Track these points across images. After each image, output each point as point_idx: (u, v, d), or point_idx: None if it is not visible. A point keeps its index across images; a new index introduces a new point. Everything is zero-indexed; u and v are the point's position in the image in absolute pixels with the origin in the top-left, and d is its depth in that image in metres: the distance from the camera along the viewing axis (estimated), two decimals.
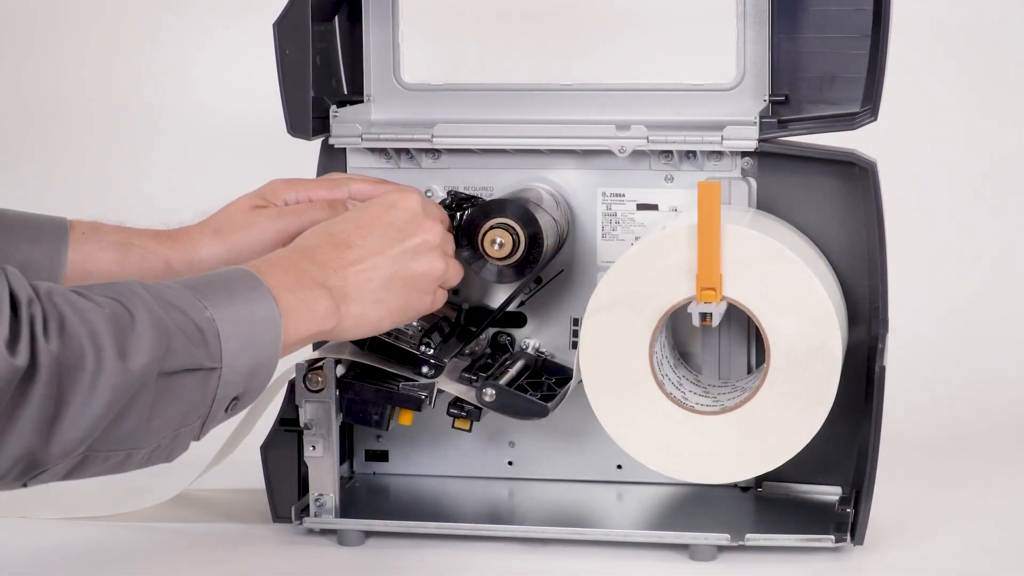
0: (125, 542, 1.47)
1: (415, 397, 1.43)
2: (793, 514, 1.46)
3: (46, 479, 1.07)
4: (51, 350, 1.02)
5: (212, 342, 1.12)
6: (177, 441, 1.13)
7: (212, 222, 1.42)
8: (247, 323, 1.14)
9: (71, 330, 1.03)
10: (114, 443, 1.07)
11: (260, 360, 1.15)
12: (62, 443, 1.04)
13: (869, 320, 1.47)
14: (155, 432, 1.09)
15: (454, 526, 1.46)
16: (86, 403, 1.03)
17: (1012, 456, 1.70)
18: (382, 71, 1.55)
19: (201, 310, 1.12)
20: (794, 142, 1.46)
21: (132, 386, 1.05)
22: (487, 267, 1.42)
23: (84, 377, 1.03)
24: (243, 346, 1.14)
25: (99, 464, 1.08)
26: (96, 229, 1.41)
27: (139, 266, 1.40)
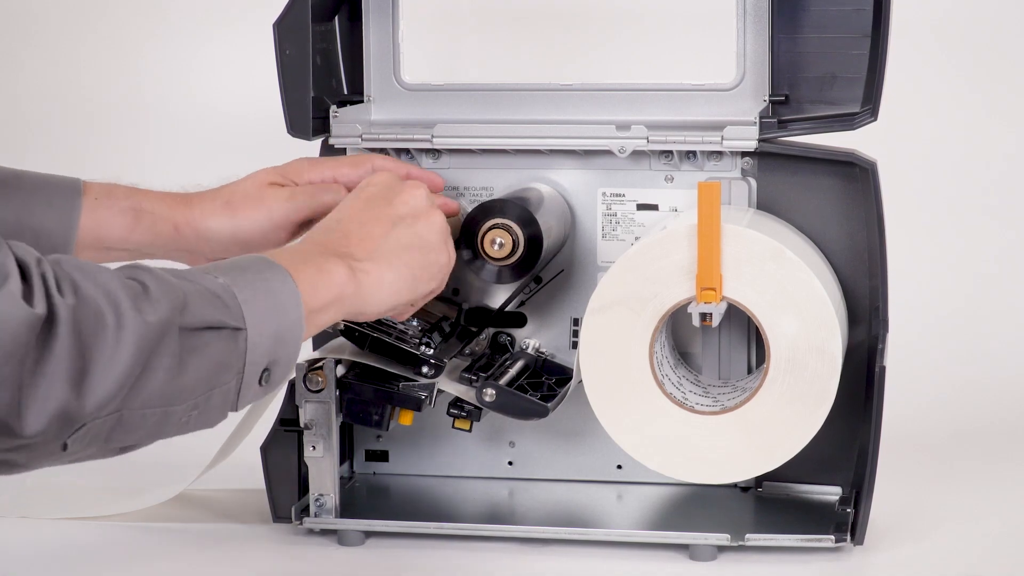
0: (125, 542, 1.47)
1: (415, 397, 1.43)
2: (793, 514, 1.46)
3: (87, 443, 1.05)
4: (68, 303, 1.02)
5: (232, 304, 1.11)
6: (212, 402, 1.11)
7: (225, 192, 1.43)
8: (264, 291, 1.14)
9: (85, 292, 1.03)
10: (148, 399, 1.06)
11: (285, 325, 1.14)
12: (95, 396, 1.03)
13: (869, 320, 1.47)
14: (188, 389, 1.09)
15: (454, 526, 1.46)
16: (113, 354, 1.03)
17: (1012, 456, 1.70)
18: (382, 71, 1.55)
19: (213, 279, 1.12)
20: (794, 142, 1.46)
21: (155, 336, 1.05)
22: (487, 267, 1.42)
23: (107, 331, 1.03)
24: (265, 312, 1.13)
25: (138, 425, 1.07)
26: (109, 194, 1.41)
27: (150, 231, 1.41)
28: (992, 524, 1.49)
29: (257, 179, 1.43)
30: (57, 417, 1.02)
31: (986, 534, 1.46)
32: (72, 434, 1.04)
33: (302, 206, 1.41)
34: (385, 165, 1.45)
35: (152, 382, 1.06)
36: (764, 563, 1.40)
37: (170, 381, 1.07)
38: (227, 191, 1.43)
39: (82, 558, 1.44)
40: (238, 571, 1.41)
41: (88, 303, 1.03)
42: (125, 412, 1.06)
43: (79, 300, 1.03)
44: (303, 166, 1.45)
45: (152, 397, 1.07)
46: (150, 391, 1.06)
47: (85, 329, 1.02)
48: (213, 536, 1.48)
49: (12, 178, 1.39)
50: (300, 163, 1.45)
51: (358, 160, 1.46)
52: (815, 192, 1.47)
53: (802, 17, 1.46)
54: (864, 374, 1.46)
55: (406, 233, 1.30)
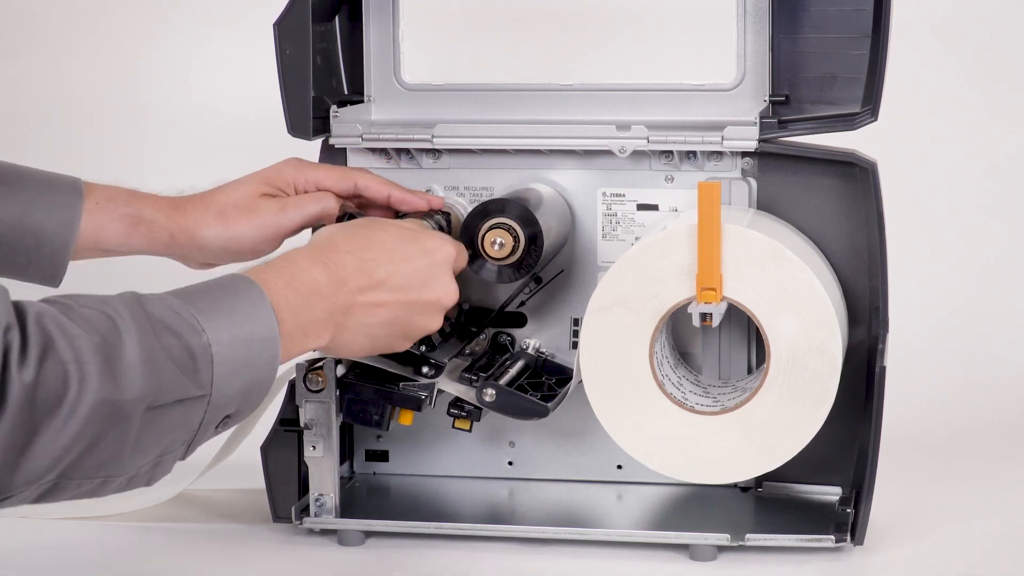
0: (125, 542, 1.47)
1: (415, 397, 1.43)
2: (793, 514, 1.46)
3: (14, 503, 1.04)
4: (24, 380, 0.99)
5: (204, 369, 1.09)
6: (159, 468, 1.10)
7: (218, 201, 1.43)
8: (244, 344, 1.12)
9: (57, 355, 1.01)
10: (89, 471, 1.05)
11: (255, 380, 1.13)
12: (28, 472, 1.01)
13: (869, 320, 1.47)
14: (135, 461, 1.07)
15: (454, 526, 1.46)
16: (59, 432, 1.01)
17: (1012, 456, 1.70)
18: (382, 71, 1.55)
19: (198, 334, 1.09)
20: (794, 142, 1.46)
21: (112, 417, 1.03)
22: (487, 267, 1.42)
23: (63, 405, 1.01)
24: (237, 369, 1.11)
25: (72, 490, 1.06)
26: (110, 199, 1.42)
27: (147, 237, 1.42)
28: (992, 524, 1.49)
29: (248, 189, 1.44)
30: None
31: (986, 534, 1.46)
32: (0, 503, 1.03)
33: (293, 217, 1.43)
34: (369, 185, 1.46)
35: (96, 457, 1.04)
36: (764, 563, 1.40)
37: (117, 456, 1.06)
38: (220, 200, 1.43)
39: (82, 558, 1.44)
40: (238, 571, 1.41)
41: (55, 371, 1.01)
42: (60, 482, 1.04)
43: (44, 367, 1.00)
44: (289, 171, 1.45)
45: (94, 469, 1.05)
46: (92, 464, 1.05)
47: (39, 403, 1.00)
48: (213, 536, 1.48)
49: (13, 176, 1.39)
50: (286, 167, 1.46)
51: (343, 173, 1.46)
52: (815, 192, 1.47)
53: (802, 17, 1.46)
54: (864, 374, 1.46)
55: (404, 324, 1.30)
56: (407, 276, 1.30)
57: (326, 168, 1.47)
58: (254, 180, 1.45)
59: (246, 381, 1.12)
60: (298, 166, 1.46)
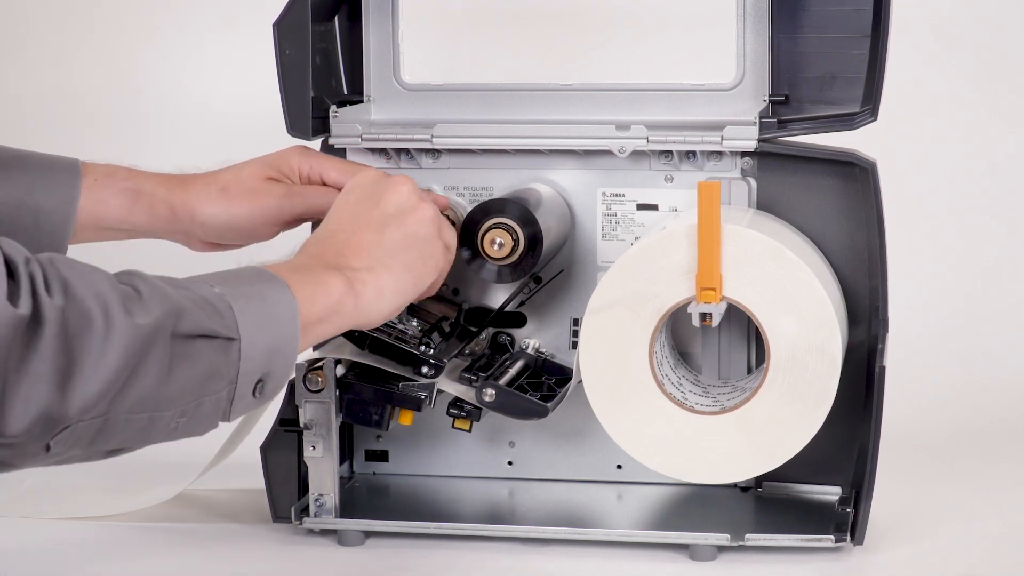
0: (125, 542, 1.47)
1: (415, 397, 1.43)
2: (793, 514, 1.46)
3: (70, 445, 1.04)
4: (56, 304, 1.01)
5: (226, 314, 1.11)
6: (202, 411, 1.11)
7: (222, 179, 1.44)
8: (260, 301, 1.14)
9: (76, 292, 1.03)
10: (135, 404, 1.06)
11: (280, 338, 1.14)
12: (80, 398, 1.02)
13: (869, 320, 1.47)
14: (176, 396, 1.08)
15: (454, 526, 1.46)
16: (100, 357, 1.02)
17: (1012, 456, 1.70)
18: (382, 71, 1.55)
19: (209, 288, 1.12)
20: (794, 142, 1.46)
21: (144, 341, 1.04)
22: (487, 267, 1.42)
23: (94, 333, 1.02)
24: (259, 323, 1.13)
25: (123, 429, 1.06)
26: (109, 175, 1.42)
27: (147, 212, 1.42)
28: (992, 524, 1.49)
29: (254, 171, 1.44)
30: (40, 418, 1.01)
31: (986, 534, 1.46)
32: (55, 436, 1.03)
33: (296, 205, 1.43)
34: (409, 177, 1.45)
35: (139, 387, 1.05)
36: (764, 563, 1.40)
37: (158, 387, 1.07)
38: (224, 178, 1.44)
39: (82, 558, 1.44)
40: (238, 571, 1.41)
41: (77, 304, 1.02)
42: (111, 416, 1.05)
43: (68, 300, 1.02)
44: (294, 158, 1.46)
45: (139, 402, 1.06)
46: (137, 396, 1.06)
47: (73, 330, 1.02)
48: (213, 536, 1.48)
49: (13, 159, 1.39)
50: (291, 154, 1.46)
51: (347, 169, 1.46)
52: (815, 192, 1.47)
53: (802, 17, 1.46)
54: (864, 374, 1.46)
55: (397, 233, 1.30)
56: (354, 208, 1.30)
57: (332, 160, 1.47)
58: (259, 163, 1.45)
59: (272, 337, 1.13)
60: (304, 154, 1.46)
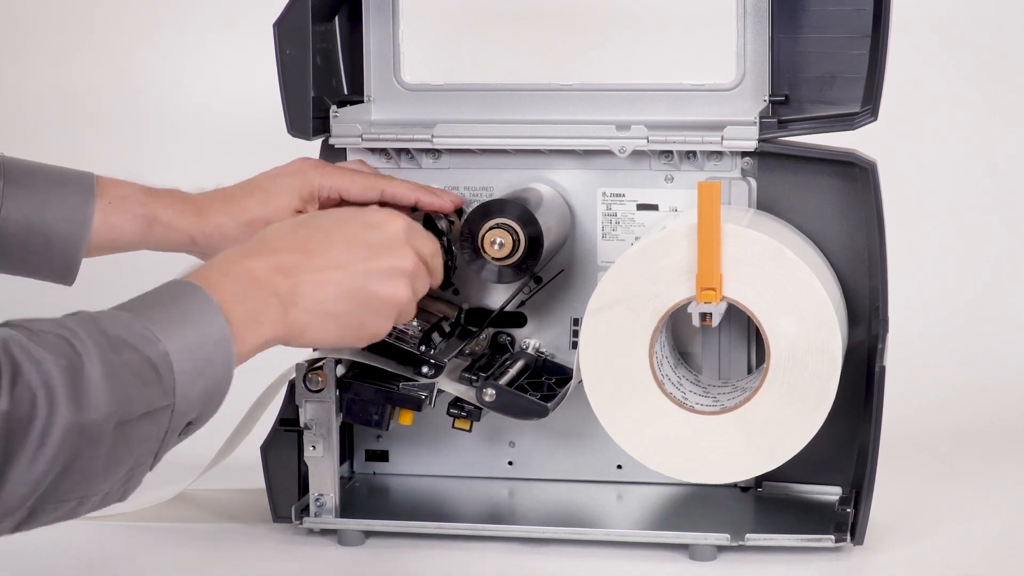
0: (125, 542, 1.47)
1: (415, 397, 1.43)
2: (793, 514, 1.46)
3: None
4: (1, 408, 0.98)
5: (166, 377, 1.07)
6: (131, 482, 1.09)
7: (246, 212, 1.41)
8: (200, 349, 1.09)
9: (25, 380, 0.99)
10: (64, 494, 1.03)
11: (213, 384, 1.11)
12: (5, 503, 1.00)
13: (869, 320, 1.47)
14: (108, 479, 1.06)
15: (454, 526, 1.46)
16: (33, 459, 0.99)
17: (1012, 456, 1.70)
18: (382, 71, 1.55)
19: (154, 344, 1.07)
20: (794, 142, 1.46)
21: (83, 438, 1.01)
22: (487, 267, 1.42)
23: (33, 431, 0.99)
24: (196, 374, 1.09)
25: (49, 514, 1.04)
26: (124, 199, 1.40)
27: (163, 240, 1.40)
28: (992, 524, 1.49)
29: (281, 205, 1.40)
30: None
31: (986, 534, 1.46)
32: None
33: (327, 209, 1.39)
34: (396, 194, 1.42)
35: (71, 479, 1.03)
36: (764, 563, 1.40)
37: (91, 476, 1.04)
38: (250, 211, 1.41)
39: (82, 558, 1.44)
40: (238, 571, 1.41)
41: (24, 397, 0.99)
42: (36, 508, 1.03)
43: (15, 395, 0.98)
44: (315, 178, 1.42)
45: (69, 491, 1.03)
46: (66, 487, 1.03)
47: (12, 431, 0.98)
48: (213, 536, 1.48)
49: (25, 175, 1.37)
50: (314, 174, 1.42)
51: (368, 184, 1.43)
52: (815, 192, 1.47)
53: (802, 17, 1.46)
54: (864, 374, 1.46)
55: (360, 297, 1.22)
56: (350, 248, 1.23)
57: (351, 176, 1.43)
58: (285, 193, 1.41)
59: (205, 385, 1.10)
60: (324, 173, 1.43)
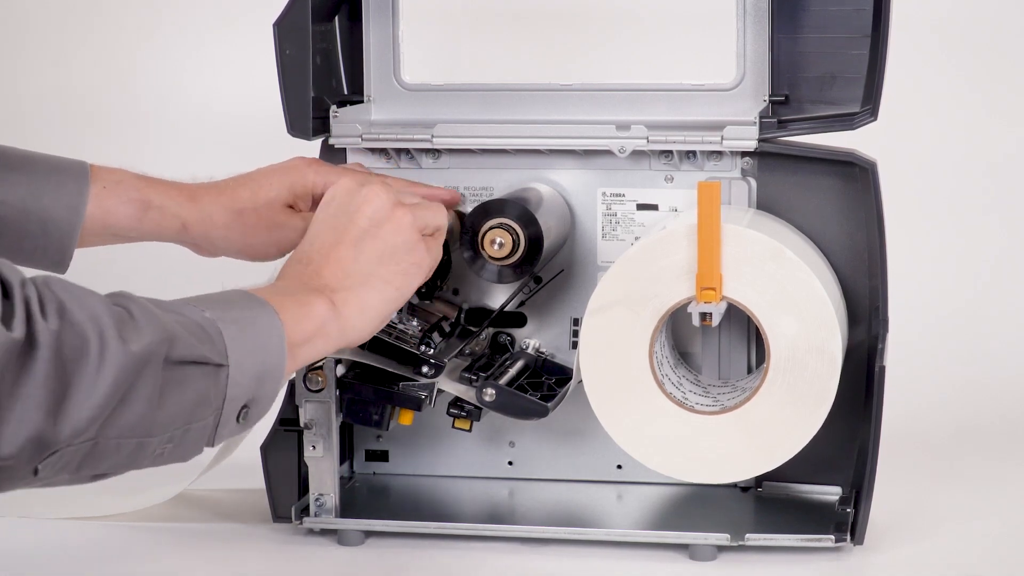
0: (125, 542, 1.47)
1: (415, 397, 1.43)
2: (793, 514, 1.46)
3: (59, 469, 1.04)
4: (51, 328, 1.01)
5: (216, 339, 1.10)
6: (189, 436, 1.11)
7: (238, 198, 1.42)
8: (249, 326, 1.13)
9: (71, 316, 1.02)
10: (124, 429, 1.05)
11: (268, 364, 1.14)
12: (71, 423, 1.02)
13: (869, 320, 1.47)
14: (165, 422, 1.08)
15: (454, 526, 1.46)
16: (93, 382, 1.02)
17: (1012, 455, 1.70)
18: (382, 71, 1.55)
19: (200, 312, 1.11)
20: (794, 142, 1.46)
21: (137, 367, 1.04)
22: (487, 267, 1.42)
23: (89, 357, 1.02)
24: (248, 349, 1.12)
25: (111, 454, 1.06)
26: (119, 183, 1.41)
27: (157, 224, 1.41)
28: (992, 524, 1.49)
29: (275, 198, 1.42)
30: (30, 441, 1.01)
31: (986, 534, 1.47)
32: (44, 459, 1.03)
33: None
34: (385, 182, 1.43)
35: (130, 412, 1.05)
36: (764, 563, 1.40)
37: (148, 413, 1.06)
38: (240, 199, 1.42)
39: (82, 558, 1.44)
40: (238, 571, 1.41)
41: (73, 327, 1.02)
42: (100, 441, 1.05)
43: (64, 324, 1.02)
44: (310, 175, 1.43)
45: (128, 427, 1.06)
46: (127, 421, 1.05)
47: (67, 355, 1.01)
48: (213, 536, 1.48)
49: (20, 161, 1.38)
50: (308, 171, 1.44)
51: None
52: (815, 192, 1.47)
53: (802, 17, 1.46)
54: (864, 374, 1.46)
55: (374, 246, 1.26)
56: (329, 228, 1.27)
57: (347, 174, 1.44)
58: (276, 186, 1.43)
59: (260, 363, 1.13)
60: (319, 171, 1.44)
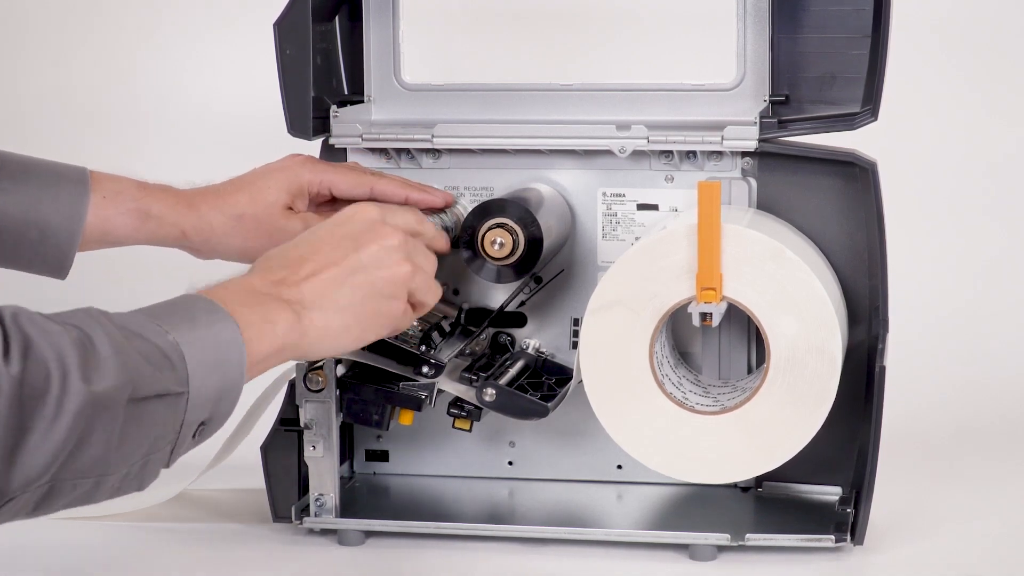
0: (125, 542, 1.47)
1: (415, 397, 1.43)
2: (793, 514, 1.46)
3: (13, 513, 1.03)
4: (11, 373, 0.99)
5: (179, 366, 1.08)
6: (147, 468, 1.09)
7: (237, 203, 1.42)
8: (211, 346, 1.11)
9: (37, 353, 1.00)
10: (81, 470, 1.04)
11: (227, 383, 1.11)
12: (25, 470, 1.00)
13: (869, 320, 1.47)
14: (124, 458, 1.06)
15: (454, 526, 1.46)
16: (49, 428, 1.00)
17: (1012, 456, 1.70)
18: (382, 71, 1.55)
19: (163, 334, 1.08)
20: (794, 142, 1.46)
21: (97, 409, 1.02)
22: (486, 267, 1.42)
23: (48, 401, 1.00)
24: (210, 369, 1.10)
25: (67, 494, 1.05)
26: (118, 194, 1.41)
27: (156, 233, 1.41)
28: (992, 524, 1.49)
29: (271, 200, 1.42)
30: None
31: (986, 534, 1.46)
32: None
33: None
34: (385, 191, 1.43)
35: (87, 455, 1.03)
36: (764, 563, 1.40)
37: (106, 453, 1.04)
38: (239, 203, 1.42)
39: (82, 558, 1.44)
40: (238, 571, 1.41)
41: (37, 369, 1.00)
42: (55, 484, 1.03)
43: (27, 365, 0.99)
44: (305, 174, 1.43)
45: (87, 468, 1.04)
46: (83, 463, 1.03)
47: (26, 397, 0.99)
48: (213, 536, 1.48)
49: (19, 168, 1.38)
50: (303, 170, 1.44)
51: (358, 180, 1.44)
52: (815, 192, 1.47)
53: (802, 17, 1.46)
54: (864, 374, 1.46)
55: (365, 282, 1.24)
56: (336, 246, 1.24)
57: (342, 172, 1.45)
58: (274, 189, 1.42)
59: (220, 382, 1.11)
60: (314, 169, 1.44)
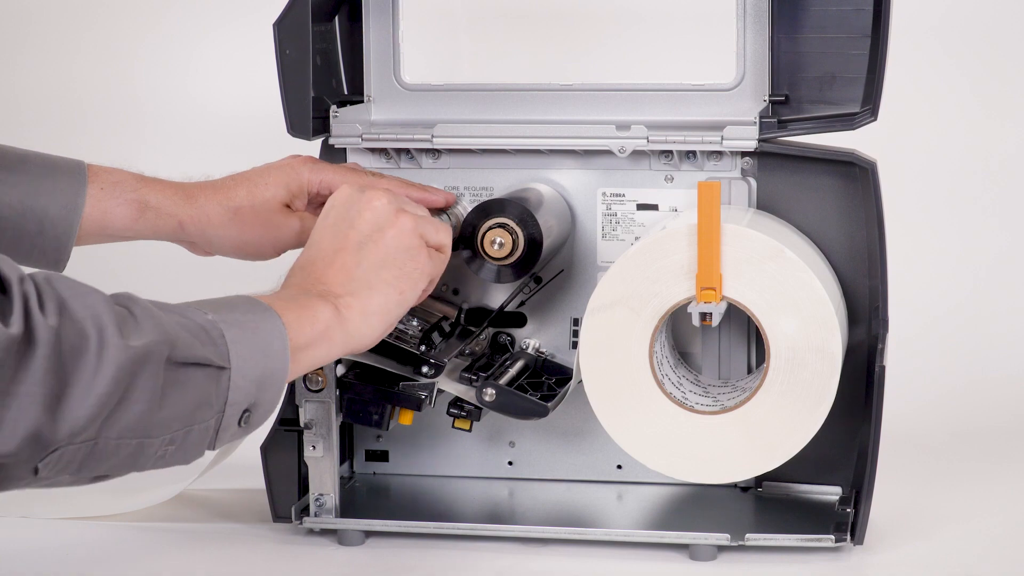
0: (125, 542, 1.47)
1: (415, 397, 1.43)
2: (793, 514, 1.46)
3: (59, 469, 1.04)
4: (49, 324, 1.01)
5: (219, 342, 1.11)
6: (190, 439, 1.11)
7: (235, 197, 1.43)
8: (251, 329, 1.13)
9: (72, 312, 1.02)
10: (124, 429, 1.05)
11: (270, 368, 1.14)
12: (70, 420, 1.02)
13: (869, 320, 1.47)
14: (166, 423, 1.08)
15: (454, 526, 1.46)
16: (92, 379, 1.02)
17: (1012, 455, 1.70)
18: (382, 71, 1.55)
19: (202, 314, 1.11)
20: (794, 142, 1.46)
21: (137, 365, 1.04)
22: (486, 267, 1.42)
23: (88, 354, 1.02)
24: (251, 353, 1.12)
25: (111, 455, 1.06)
26: (116, 184, 1.41)
27: (154, 224, 1.42)
28: (992, 524, 1.49)
29: (269, 196, 1.43)
30: (29, 439, 1.01)
31: (986, 534, 1.46)
32: (44, 458, 1.03)
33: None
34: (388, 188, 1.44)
35: (130, 412, 1.05)
36: (764, 563, 1.40)
37: (149, 413, 1.06)
38: (237, 197, 1.43)
39: (82, 558, 1.44)
40: (238, 571, 1.41)
41: (73, 324, 1.02)
42: (100, 440, 1.05)
43: (63, 320, 1.02)
44: (305, 173, 1.44)
45: (129, 427, 1.06)
46: (127, 421, 1.05)
47: (66, 351, 1.01)
48: (213, 536, 1.48)
49: (17, 161, 1.39)
50: (303, 169, 1.44)
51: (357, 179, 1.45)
52: (815, 192, 1.47)
53: (802, 17, 1.46)
54: (864, 374, 1.46)
55: (376, 252, 1.27)
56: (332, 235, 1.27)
57: (340, 172, 1.45)
58: (272, 185, 1.43)
59: (261, 366, 1.13)
60: (314, 169, 1.45)
